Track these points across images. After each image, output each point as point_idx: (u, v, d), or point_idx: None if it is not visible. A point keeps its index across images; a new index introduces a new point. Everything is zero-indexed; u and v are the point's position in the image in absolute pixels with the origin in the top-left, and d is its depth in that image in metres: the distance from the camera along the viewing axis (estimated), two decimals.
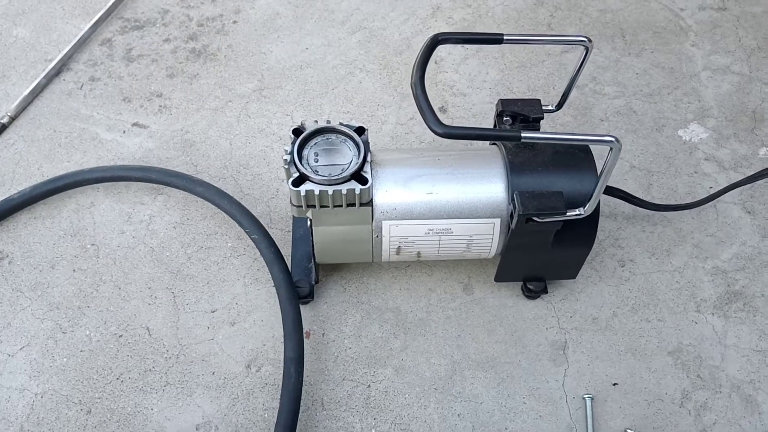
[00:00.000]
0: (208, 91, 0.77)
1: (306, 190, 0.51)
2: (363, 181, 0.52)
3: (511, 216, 0.53)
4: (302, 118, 0.75)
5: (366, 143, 0.53)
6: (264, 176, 0.70)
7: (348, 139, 0.54)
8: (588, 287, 0.63)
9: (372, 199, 0.54)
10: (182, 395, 0.57)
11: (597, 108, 0.76)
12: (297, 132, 0.54)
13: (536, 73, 0.79)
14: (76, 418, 0.55)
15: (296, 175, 0.52)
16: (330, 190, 0.51)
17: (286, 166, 0.52)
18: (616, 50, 0.82)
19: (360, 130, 0.54)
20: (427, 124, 0.44)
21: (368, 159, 0.52)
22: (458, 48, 0.81)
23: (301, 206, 0.53)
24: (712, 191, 0.69)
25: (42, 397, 0.56)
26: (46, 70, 0.77)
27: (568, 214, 0.50)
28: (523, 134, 0.44)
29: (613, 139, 0.44)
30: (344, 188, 0.51)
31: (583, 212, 0.50)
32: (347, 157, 0.53)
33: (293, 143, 0.53)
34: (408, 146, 0.73)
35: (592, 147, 0.53)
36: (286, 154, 0.52)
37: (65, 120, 0.74)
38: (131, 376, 0.58)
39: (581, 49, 0.53)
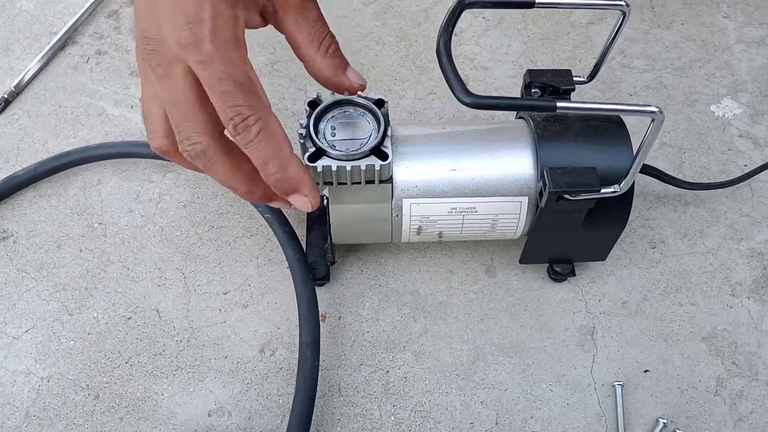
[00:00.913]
0: None
1: (323, 166, 0.48)
2: (383, 156, 0.49)
3: (540, 194, 0.50)
4: (316, 93, 0.72)
5: (386, 116, 0.50)
6: None
7: (367, 112, 0.51)
8: (617, 270, 0.61)
9: (392, 176, 0.51)
10: (193, 380, 0.55)
11: (625, 82, 0.73)
12: (313, 104, 0.51)
13: (561, 45, 0.76)
14: (83, 403, 0.53)
15: (312, 149, 0.48)
16: (348, 165, 0.48)
17: (302, 141, 0.49)
18: (644, 22, 0.78)
19: (379, 103, 0.51)
20: (454, 94, 0.41)
21: (388, 133, 0.49)
22: (479, 19, 0.78)
23: (318, 183, 0.50)
24: (747, 169, 0.66)
25: (48, 381, 0.54)
26: (51, 43, 0.74)
27: (602, 191, 0.47)
28: (558, 104, 0.40)
29: (656, 110, 0.41)
30: (363, 164, 0.48)
31: (618, 189, 0.47)
32: (366, 131, 0.50)
33: (309, 116, 0.50)
34: (427, 122, 0.70)
35: (629, 119, 0.50)
36: (302, 128, 0.49)
37: (71, 95, 0.72)
38: (140, 360, 0.55)
39: (615, 17, 0.49)
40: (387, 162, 0.48)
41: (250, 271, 0.60)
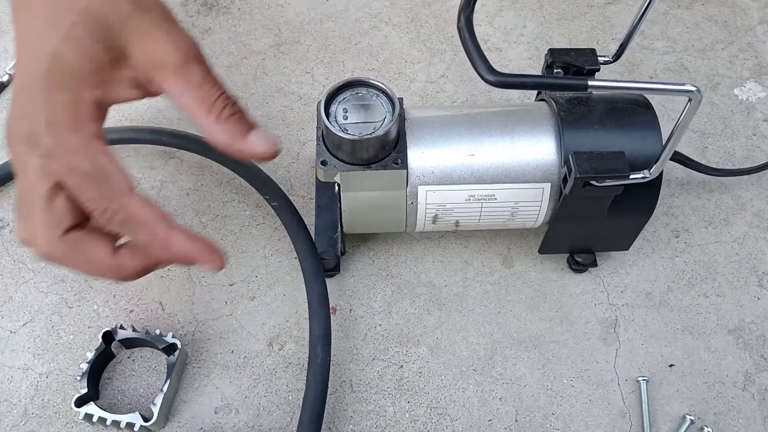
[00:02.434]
0: (222, 47, 0.71)
1: (86, 413, 0.48)
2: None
3: (564, 180, 0.47)
4: (324, 76, 0.69)
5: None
6: (283, 139, 0.65)
7: (381, 94, 0.48)
8: (640, 260, 0.58)
9: (407, 161, 0.48)
10: (199, 375, 0.52)
11: (645, 64, 0.70)
12: (107, 336, 0.51)
13: (578, 26, 0.73)
14: None
15: (78, 395, 0.48)
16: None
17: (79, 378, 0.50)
18: (664, 2, 0.75)
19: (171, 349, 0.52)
20: (477, 72, 0.38)
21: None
22: None
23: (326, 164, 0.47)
24: None
25: (47, 377, 0.52)
26: None
27: (631, 177, 0.45)
28: (590, 83, 0.38)
29: (693, 89, 0.38)
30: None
31: (648, 175, 0.45)
32: (380, 114, 0.48)
33: (96, 349, 0.51)
34: (438, 106, 0.67)
35: (662, 101, 0.47)
36: (85, 362, 0.50)
37: None
38: (143, 354, 0.53)
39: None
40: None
41: (257, 262, 0.57)
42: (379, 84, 0.47)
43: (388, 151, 0.48)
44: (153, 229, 0.39)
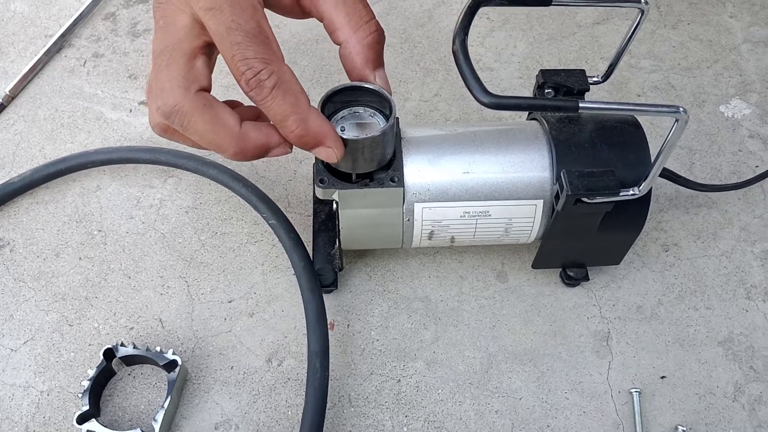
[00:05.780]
0: (219, 67, 0.72)
1: (87, 430, 0.49)
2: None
3: (557, 197, 0.48)
4: (320, 96, 0.70)
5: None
6: (281, 157, 0.66)
7: (377, 113, 0.49)
8: (631, 273, 0.59)
9: (403, 179, 0.49)
10: (199, 392, 0.53)
11: (633, 82, 0.72)
12: (108, 353, 0.52)
13: (567, 46, 0.75)
14: None
15: (80, 411, 0.49)
16: None
17: (80, 395, 0.51)
18: (650, 22, 0.77)
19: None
20: (472, 94, 0.39)
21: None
22: (483, 20, 0.77)
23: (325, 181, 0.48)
24: (758, 170, 0.65)
25: (48, 394, 0.52)
26: (47, 46, 0.73)
27: (621, 194, 0.46)
28: (580, 104, 0.39)
29: (680, 110, 0.39)
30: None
31: (637, 192, 0.46)
32: (376, 132, 0.49)
33: (99, 366, 0.52)
34: (435, 123, 0.68)
35: (650, 119, 0.49)
36: (86, 379, 0.51)
37: (68, 99, 0.70)
38: (143, 371, 0.54)
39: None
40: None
41: (255, 279, 0.58)
42: (373, 88, 0.47)
43: (384, 165, 0.49)
44: (298, 101, 0.40)
